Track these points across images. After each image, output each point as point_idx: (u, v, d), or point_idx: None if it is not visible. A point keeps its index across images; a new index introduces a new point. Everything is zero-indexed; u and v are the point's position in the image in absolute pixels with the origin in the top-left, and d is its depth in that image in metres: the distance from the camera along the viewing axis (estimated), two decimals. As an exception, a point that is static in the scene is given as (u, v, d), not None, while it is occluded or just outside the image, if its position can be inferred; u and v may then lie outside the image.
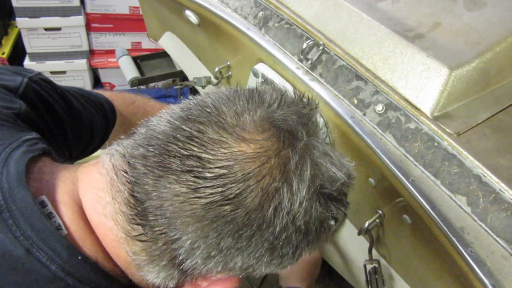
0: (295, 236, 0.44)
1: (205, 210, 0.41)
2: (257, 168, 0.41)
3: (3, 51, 2.21)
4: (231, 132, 0.42)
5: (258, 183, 0.41)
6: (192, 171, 0.41)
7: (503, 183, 0.57)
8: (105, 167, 0.46)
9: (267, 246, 0.43)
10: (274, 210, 0.42)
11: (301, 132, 0.44)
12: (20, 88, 0.58)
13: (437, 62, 0.65)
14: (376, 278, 0.79)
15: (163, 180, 0.42)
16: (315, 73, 0.78)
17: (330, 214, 0.46)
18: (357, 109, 0.71)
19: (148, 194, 0.42)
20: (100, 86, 2.48)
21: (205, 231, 0.41)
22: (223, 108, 0.44)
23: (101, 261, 0.46)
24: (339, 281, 1.39)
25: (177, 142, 0.42)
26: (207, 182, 0.41)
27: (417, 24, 0.73)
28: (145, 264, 0.45)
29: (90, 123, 0.70)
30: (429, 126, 0.64)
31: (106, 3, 2.22)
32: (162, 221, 0.42)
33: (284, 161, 0.42)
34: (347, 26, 0.76)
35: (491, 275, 0.55)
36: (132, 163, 0.44)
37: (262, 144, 0.42)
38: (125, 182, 0.44)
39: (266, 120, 0.44)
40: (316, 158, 0.44)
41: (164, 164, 0.42)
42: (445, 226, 0.58)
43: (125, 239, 0.44)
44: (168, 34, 1.33)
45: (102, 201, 0.45)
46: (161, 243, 0.43)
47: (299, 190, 0.42)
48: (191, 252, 0.43)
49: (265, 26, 0.87)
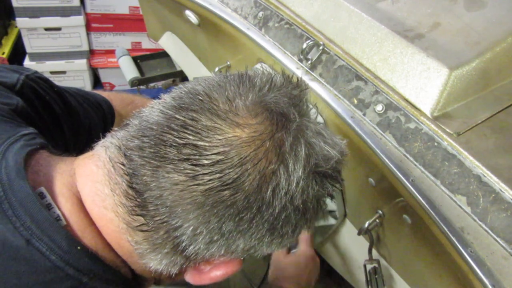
0: (294, 215, 0.45)
1: (205, 197, 0.41)
2: (253, 152, 0.42)
3: (3, 51, 2.21)
4: (224, 118, 0.43)
5: (255, 166, 0.42)
6: (189, 159, 0.41)
7: (503, 183, 0.57)
8: (101, 160, 0.47)
9: (268, 226, 0.44)
10: (273, 192, 0.42)
11: (293, 114, 0.45)
12: (17, 85, 0.58)
13: (437, 62, 0.65)
14: (376, 278, 0.79)
15: (161, 170, 0.42)
16: (315, 73, 0.78)
17: (326, 191, 0.47)
18: (357, 109, 0.71)
19: (147, 185, 0.43)
20: (100, 86, 2.48)
21: (206, 216, 0.42)
22: (215, 95, 0.45)
23: (101, 252, 0.46)
24: (339, 281, 1.39)
25: (171, 132, 0.43)
26: (204, 169, 0.41)
27: (417, 24, 0.73)
28: (147, 252, 0.45)
29: (88, 122, 0.71)
30: (429, 126, 0.64)
31: (106, 3, 2.22)
32: (163, 210, 0.42)
33: (279, 143, 0.43)
34: (347, 26, 0.76)
35: (491, 275, 0.55)
36: (128, 155, 0.44)
37: (256, 128, 0.43)
38: (123, 174, 0.44)
39: (258, 104, 0.44)
40: (310, 138, 0.44)
41: (160, 154, 0.42)
42: (445, 226, 0.58)
43: (127, 230, 0.45)
44: (168, 34, 1.33)
45: (101, 194, 0.46)
46: (163, 232, 0.44)
47: (295, 171, 0.43)
48: (194, 238, 0.43)
49: (265, 26, 0.87)
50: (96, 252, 0.45)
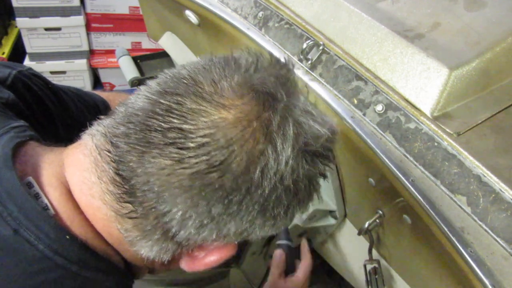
0: (285, 196, 0.44)
1: (192, 180, 0.41)
2: (239, 133, 0.41)
3: (3, 51, 2.21)
4: (209, 100, 0.42)
5: (242, 147, 0.41)
6: (175, 143, 0.41)
7: (503, 183, 0.57)
8: (88, 148, 0.46)
9: (258, 208, 0.43)
10: (261, 172, 0.42)
11: (281, 93, 0.44)
12: (8, 79, 0.58)
13: (437, 62, 0.65)
14: (376, 278, 0.79)
15: (147, 155, 0.42)
16: (315, 73, 0.78)
17: (318, 171, 0.46)
18: (357, 109, 0.71)
19: (134, 171, 0.42)
20: (100, 86, 2.48)
21: (195, 200, 0.41)
22: (200, 78, 0.44)
23: (91, 241, 0.45)
24: (339, 281, 1.39)
25: (156, 116, 0.42)
26: (190, 152, 0.41)
27: (417, 24, 0.73)
28: (138, 240, 0.45)
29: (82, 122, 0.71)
30: (429, 126, 0.64)
31: (106, 3, 2.22)
32: (151, 196, 0.42)
33: (266, 123, 0.42)
34: (347, 26, 0.76)
35: (491, 275, 0.55)
36: (114, 142, 0.44)
37: (242, 109, 0.42)
38: (109, 161, 0.44)
39: (244, 85, 0.43)
40: (298, 116, 0.44)
41: (146, 140, 0.42)
42: (445, 226, 0.58)
43: (115, 217, 0.44)
44: (168, 34, 1.33)
45: (88, 182, 0.45)
46: (152, 218, 0.43)
47: (284, 150, 0.42)
48: (183, 223, 0.43)
49: (265, 26, 0.87)
50: (86, 241, 0.45)
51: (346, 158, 0.80)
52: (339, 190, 0.88)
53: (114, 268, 0.48)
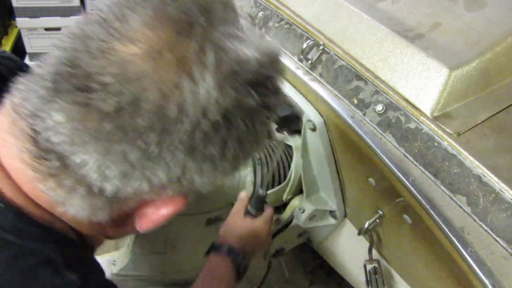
0: (215, 132, 0.40)
1: (101, 125, 0.38)
2: (150, 67, 0.38)
3: (3, 51, 2.21)
4: (117, 36, 0.39)
5: (153, 82, 0.38)
6: (81, 88, 0.38)
7: (503, 183, 0.57)
8: (7, 108, 0.44)
9: (184, 148, 0.40)
10: (178, 107, 0.38)
11: (202, 21, 0.40)
12: None
13: (437, 62, 0.65)
14: (376, 278, 0.79)
15: (55, 104, 0.39)
16: (315, 73, 0.78)
17: (257, 103, 0.41)
18: (357, 109, 0.71)
19: (45, 122, 0.39)
20: (100, 86, 2.48)
21: (107, 147, 0.38)
22: (110, 16, 0.40)
23: (26, 208, 0.43)
24: (339, 281, 1.39)
25: (65, 63, 0.39)
26: (97, 95, 0.37)
27: (417, 24, 0.73)
28: (64, 199, 0.42)
29: None
30: (429, 126, 0.64)
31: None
32: (63, 148, 0.39)
33: (180, 53, 0.38)
34: (347, 26, 0.76)
35: (491, 275, 0.55)
36: (27, 96, 0.41)
37: (153, 41, 0.38)
38: (25, 117, 0.41)
39: (157, 15, 0.39)
40: (220, 42, 0.39)
41: (54, 88, 0.39)
42: (445, 226, 0.58)
43: (38, 178, 0.42)
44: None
45: (7, 143, 0.43)
46: (70, 172, 0.40)
47: (203, 80, 0.38)
48: (103, 175, 0.40)
49: (265, 26, 0.87)
50: (21, 208, 0.42)
51: (346, 158, 0.80)
52: (339, 190, 0.88)
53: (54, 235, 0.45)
